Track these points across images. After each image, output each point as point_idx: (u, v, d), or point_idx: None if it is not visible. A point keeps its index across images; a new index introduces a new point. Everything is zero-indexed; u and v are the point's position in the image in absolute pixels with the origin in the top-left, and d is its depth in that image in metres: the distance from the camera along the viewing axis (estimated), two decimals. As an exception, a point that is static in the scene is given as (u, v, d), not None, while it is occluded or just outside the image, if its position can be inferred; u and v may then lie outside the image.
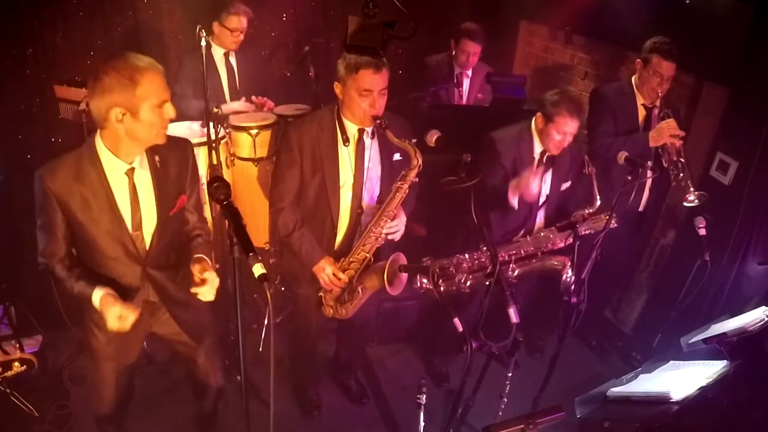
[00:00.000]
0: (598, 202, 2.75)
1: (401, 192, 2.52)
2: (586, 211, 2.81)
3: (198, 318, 2.38)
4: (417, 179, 2.53)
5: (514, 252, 2.93)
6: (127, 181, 2.03)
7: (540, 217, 3.11)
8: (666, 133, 2.97)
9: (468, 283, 2.94)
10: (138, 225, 2.09)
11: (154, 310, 2.30)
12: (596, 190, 2.75)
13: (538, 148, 2.93)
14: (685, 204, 2.99)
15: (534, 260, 2.96)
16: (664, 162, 3.06)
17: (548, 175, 3.00)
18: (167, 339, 2.44)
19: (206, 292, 2.07)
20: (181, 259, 2.26)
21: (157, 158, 2.09)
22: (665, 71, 3.02)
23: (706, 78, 3.38)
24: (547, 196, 3.03)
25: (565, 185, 3.07)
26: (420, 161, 2.47)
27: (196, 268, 2.09)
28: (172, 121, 1.99)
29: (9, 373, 2.20)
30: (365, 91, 2.40)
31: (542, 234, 2.98)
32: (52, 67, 3.70)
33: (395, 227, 2.60)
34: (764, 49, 2.92)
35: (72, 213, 2.00)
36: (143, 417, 2.99)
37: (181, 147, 2.20)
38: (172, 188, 2.15)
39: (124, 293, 2.12)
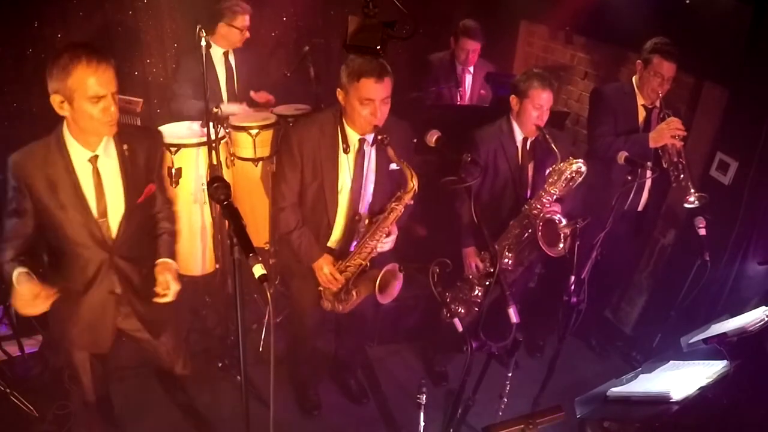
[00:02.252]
0: (559, 155, 2.74)
1: (396, 213, 2.55)
2: (556, 166, 2.76)
3: (158, 314, 2.41)
4: (412, 202, 2.55)
5: (506, 243, 2.92)
6: (90, 168, 2.08)
7: None
8: (666, 134, 2.97)
9: (479, 294, 2.97)
10: (103, 212, 2.13)
11: (119, 304, 2.32)
12: (554, 146, 2.73)
13: (519, 135, 2.95)
14: (686, 205, 2.99)
15: (525, 234, 2.90)
16: (664, 163, 3.05)
17: (531, 166, 2.99)
18: (130, 335, 2.48)
19: (167, 299, 2.19)
20: (148, 252, 2.31)
21: (125, 147, 2.13)
22: (666, 72, 3.02)
23: (706, 78, 3.38)
24: (533, 185, 3.01)
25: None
26: (416, 185, 2.48)
27: (160, 278, 2.18)
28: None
29: None
30: (367, 100, 2.39)
31: (531, 203, 2.89)
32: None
33: (388, 243, 2.66)
34: (764, 49, 2.92)
35: (39, 198, 2.05)
36: (142, 417, 2.99)
37: (150, 137, 2.29)
38: (141, 176, 2.19)
39: (90, 282, 2.20)
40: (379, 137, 2.41)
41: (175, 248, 2.37)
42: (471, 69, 4.13)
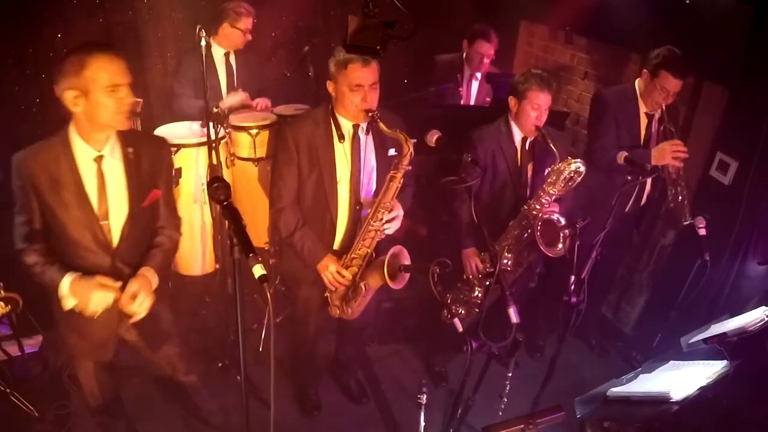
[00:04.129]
0: (558, 155, 2.74)
1: (396, 181, 2.51)
2: (555, 166, 2.76)
3: (156, 325, 2.35)
4: (410, 167, 2.53)
5: (505, 243, 2.91)
6: (95, 168, 2.07)
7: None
8: (668, 154, 2.93)
9: (479, 295, 2.96)
10: (105, 214, 2.11)
11: (123, 314, 2.25)
12: (552, 146, 2.73)
13: (518, 135, 2.94)
14: (684, 223, 3.01)
15: (525, 235, 2.89)
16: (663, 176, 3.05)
17: (531, 166, 2.98)
18: (131, 344, 2.44)
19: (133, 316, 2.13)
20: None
21: (130, 150, 2.13)
22: (672, 88, 2.96)
23: (706, 78, 3.37)
24: (532, 185, 3.00)
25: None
26: (411, 148, 2.47)
27: (129, 287, 2.11)
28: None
29: None
30: (356, 86, 2.43)
31: (530, 204, 2.87)
32: (52, 67, 3.70)
33: (393, 220, 2.59)
34: (764, 49, 2.91)
35: (43, 198, 2.05)
36: (143, 417, 2.99)
37: (156, 144, 2.28)
38: (145, 180, 2.17)
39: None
40: (370, 114, 2.44)
41: (164, 265, 2.31)
42: (479, 75, 4.02)
